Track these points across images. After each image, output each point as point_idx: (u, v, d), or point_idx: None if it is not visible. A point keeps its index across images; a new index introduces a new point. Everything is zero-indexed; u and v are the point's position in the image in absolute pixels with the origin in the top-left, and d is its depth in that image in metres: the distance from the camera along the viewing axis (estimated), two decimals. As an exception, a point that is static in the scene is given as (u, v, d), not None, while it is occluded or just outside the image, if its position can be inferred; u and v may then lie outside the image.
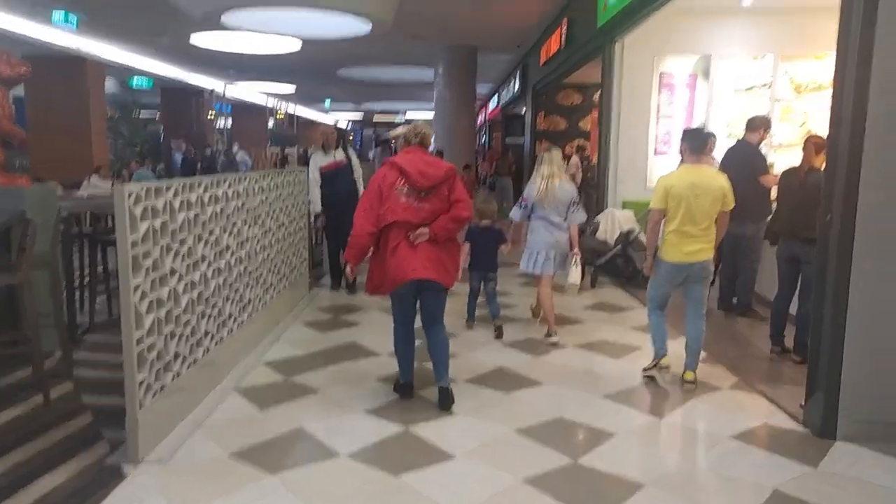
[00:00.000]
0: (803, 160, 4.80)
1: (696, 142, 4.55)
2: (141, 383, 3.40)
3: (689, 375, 4.54)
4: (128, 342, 3.29)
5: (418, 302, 4.17)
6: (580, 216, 5.56)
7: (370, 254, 4.14)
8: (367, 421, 3.94)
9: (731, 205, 4.52)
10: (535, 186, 5.46)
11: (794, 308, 5.01)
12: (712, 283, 5.56)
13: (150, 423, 3.47)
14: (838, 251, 3.66)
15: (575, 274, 5.55)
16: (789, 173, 4.97)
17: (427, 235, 3.97)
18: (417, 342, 4.33)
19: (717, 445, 3.63)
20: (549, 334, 5.55)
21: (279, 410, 4.10)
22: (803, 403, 3.97)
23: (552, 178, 5.41)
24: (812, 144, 4.75)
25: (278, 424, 3.87)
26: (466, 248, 5.62)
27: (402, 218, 3.94)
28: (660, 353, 4.69)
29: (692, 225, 4.39)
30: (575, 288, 5.74)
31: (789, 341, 5.02)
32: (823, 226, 3.78)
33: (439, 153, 13.54)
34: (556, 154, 5.60)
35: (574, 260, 5.55)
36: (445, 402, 4.09)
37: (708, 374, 4.74)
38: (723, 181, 4.50)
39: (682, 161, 4.75)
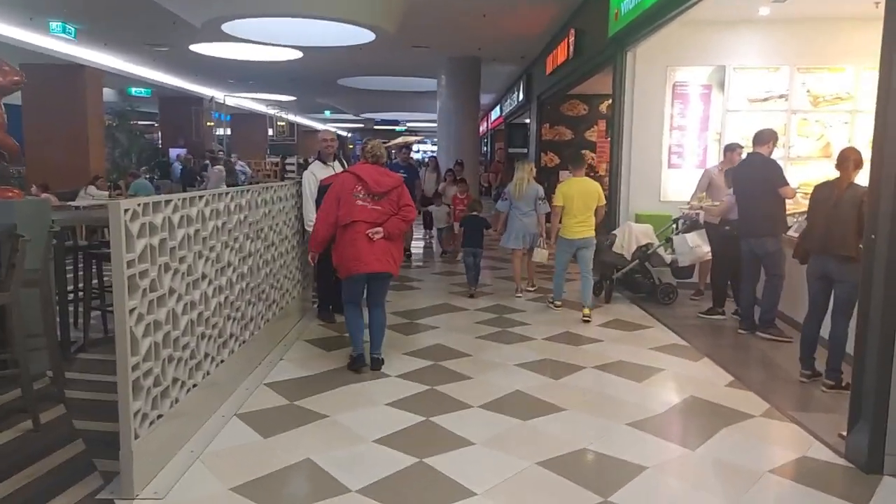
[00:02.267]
0: (842, 175, 4.55)
1: (577, 163, 7.05)
2: (136, 413, 3.14)
3: (586, 311, 6.56)
4: (122, 369, 3.03)
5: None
6: (545, 208, 7.28)
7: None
8: (378, 452, 3.67)
9: (604, 202, 6.89)
10: (513, 185, 7.43)
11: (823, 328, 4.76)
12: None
13: (145, 455, 3.21)
14: (885, 272, 3.42)
15: (540, 252, 7.37)
16: (823, 188, 4.72)
17: (382, 233, 4.83)
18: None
19: (757, 482, 3.37)
20: (517, 290, 7.63)
21: (284, 438, 3.83)
22: (844, 434, 3.72)
23: (523, 181, 7.34)
24: (852, 161, 4.51)
25: (283, 454, 3.61)
26: (460, 231, 8.16)
27: (360, 218, 4.81)
28: (557, 297, 7.02)
29: (579, 215, 6.66)
30: (544, 254, 7.35)
31: (819, 364, 4.77)
32: (868, 245, 3.54)
33: (459, 164, 13.33)
34: (528, 164, 7.63)
35: (540, 242, 7.35)
36: (377, 365, 5.02)
37: (738, 400, 4.48)
38: (597, 186, 6.85)
39: (571, 174, 7.01)
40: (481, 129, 27.57)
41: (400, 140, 43.15)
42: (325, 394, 4.55)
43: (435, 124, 18.40)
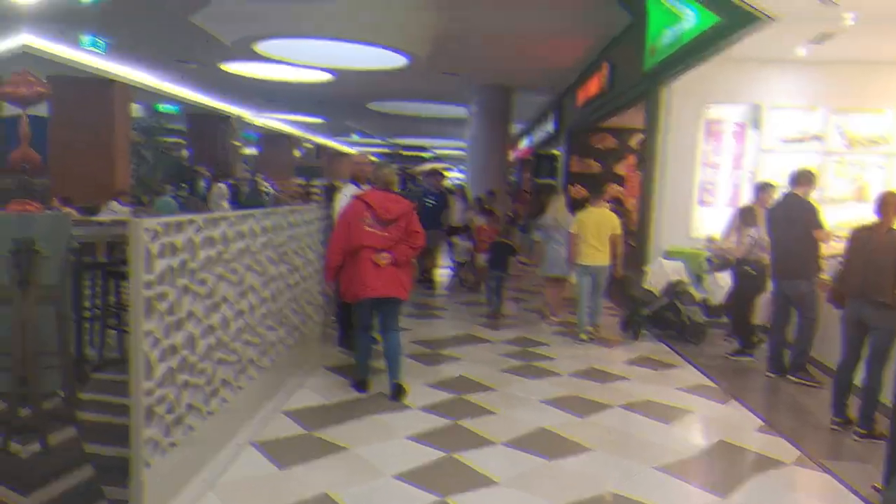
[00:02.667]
0: (882, 220, 4.40)
1: (596, 193, 7.57)
2: (148, 440, 3.03)
3: (590, 328, 7.17)
4: (136, 394, 2.93)
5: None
6: None
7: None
8: (398, 488, 3.54)
9: (619, 231, 7.19)
10: (549, 217, 8.10)
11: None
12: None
13: (156, 485, 3.10)
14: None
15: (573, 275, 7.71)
16: (862, 231, 4.56)
17: (389, 259, 4.87)
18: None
19: (795, 540, 3.19)
20: (549, 315, 8.13)
21: (300, 470, 3.72)
22: (879, 487, 3.53)
23: (558, 212, 8.00)
24: (892, 206, 4.37)
25: (299, 487, 3.49)
26: (487, 255, 8.62)
27: (367, 243, 4.86)
28: (582, 329, 7.14)
29: (593, 241, 7.06)
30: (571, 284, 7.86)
31: (852, 411, 4.57)
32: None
33: (491, 194, 13.17)
34: (561, 197, 8.45)
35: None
36: (398, 394, 4.96)
37: (768, 446, 4.31)
38: (613, 217, 7.27)
39: (590, 203, 7.45)
40: (510, 158, 27.52)
41: (427, 166, 43.26)
42: (345, 424, 4.43)
43: (463, 151, 18.35)
